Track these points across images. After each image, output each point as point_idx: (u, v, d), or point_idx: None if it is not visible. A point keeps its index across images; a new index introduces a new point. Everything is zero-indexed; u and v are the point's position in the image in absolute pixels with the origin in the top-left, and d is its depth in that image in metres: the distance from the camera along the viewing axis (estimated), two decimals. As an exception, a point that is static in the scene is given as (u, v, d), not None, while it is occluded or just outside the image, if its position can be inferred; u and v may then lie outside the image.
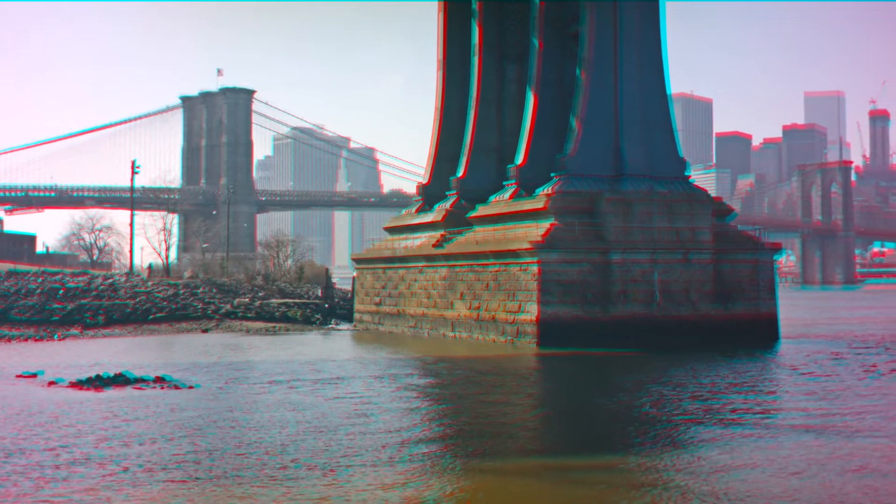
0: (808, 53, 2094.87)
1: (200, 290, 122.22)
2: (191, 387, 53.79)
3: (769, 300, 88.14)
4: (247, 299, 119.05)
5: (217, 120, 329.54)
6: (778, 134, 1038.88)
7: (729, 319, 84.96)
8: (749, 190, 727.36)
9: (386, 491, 29.33)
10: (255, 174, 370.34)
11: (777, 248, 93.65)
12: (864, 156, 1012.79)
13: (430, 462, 34.01)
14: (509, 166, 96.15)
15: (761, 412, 45.61)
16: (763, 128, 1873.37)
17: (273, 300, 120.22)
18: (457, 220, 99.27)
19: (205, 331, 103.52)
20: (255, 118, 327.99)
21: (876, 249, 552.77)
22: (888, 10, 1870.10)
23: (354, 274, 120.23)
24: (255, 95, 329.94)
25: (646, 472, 32.47)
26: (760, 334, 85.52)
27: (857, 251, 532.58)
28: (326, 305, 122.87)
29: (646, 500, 28.77)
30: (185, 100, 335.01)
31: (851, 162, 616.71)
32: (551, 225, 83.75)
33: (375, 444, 36.70)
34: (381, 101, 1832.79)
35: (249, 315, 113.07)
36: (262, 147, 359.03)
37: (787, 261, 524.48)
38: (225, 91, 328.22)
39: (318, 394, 51.65)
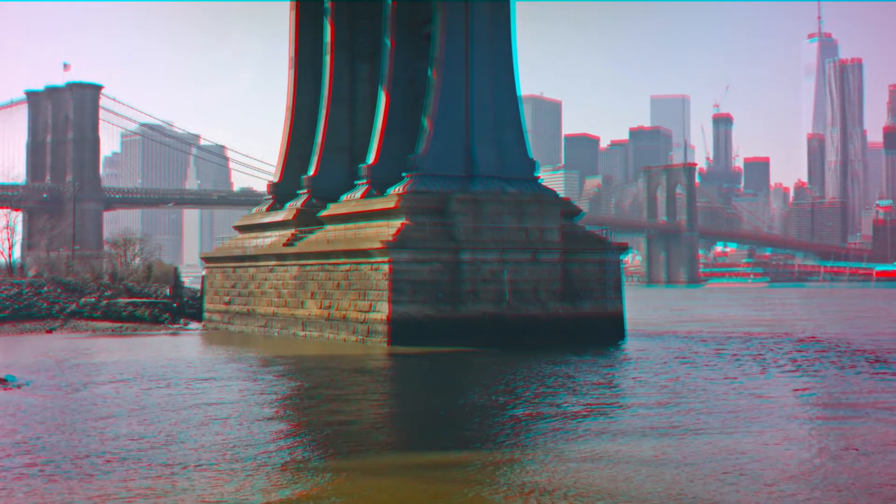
0: (654, 57, 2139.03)
1: (45, 289, 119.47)
2: (33, 388, 52.68)
3: (616, 299, 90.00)
4: (93, 298, 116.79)
5: (63, 115, 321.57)
6: (625, 136, 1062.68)
7: (577, 317, 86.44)
8: (596, 190, 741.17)
9: (241, 492, 29.09)
10: (102, 171, 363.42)
11: (624, 248, 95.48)
12: (707, 158, 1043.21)
13: (285, 462, 33.75)
14: (361, 165, 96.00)
15: (606, 407, 46.58)
16: (610, 130, 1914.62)
17: (120, 299, 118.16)
18: (308, 219, 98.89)
19: (50, 331, 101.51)
20: (102, 114, 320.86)
21: (719, 249, 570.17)
22: (730, 14, 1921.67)
23: (204, 273, 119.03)
24: (103, 91, 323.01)
25: (495, 468, 32.88)
26: (607, 332, 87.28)
27: (700, 251, 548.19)
28: (175, 305, 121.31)
29: (492, 495, 29.18)
30: (31, 94, 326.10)
31: (695, 164, 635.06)
32: (402, 224, 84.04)
33: (228, 445, 36.39)
34: (231, 99, 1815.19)
35: (96, 315, 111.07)
36: (109, 143, 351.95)
37: (633, 260, 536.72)
38: (71, 86, 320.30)
39: (168, 395, 50.90)
